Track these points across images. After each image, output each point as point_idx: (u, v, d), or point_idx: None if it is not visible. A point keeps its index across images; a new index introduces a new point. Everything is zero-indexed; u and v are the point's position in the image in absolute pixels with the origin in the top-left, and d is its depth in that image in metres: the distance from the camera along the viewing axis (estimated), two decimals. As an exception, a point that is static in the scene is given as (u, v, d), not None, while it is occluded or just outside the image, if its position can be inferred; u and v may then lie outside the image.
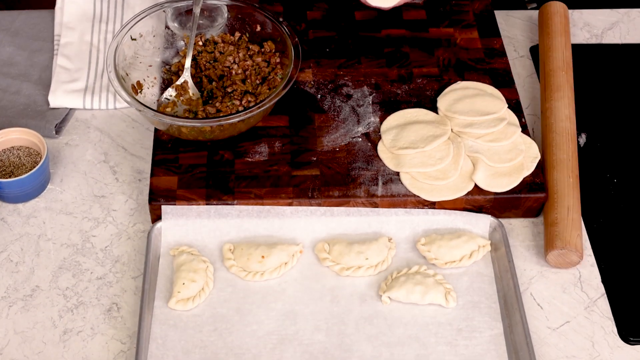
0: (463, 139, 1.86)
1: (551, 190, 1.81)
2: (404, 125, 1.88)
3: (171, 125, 1.77)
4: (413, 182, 1.80)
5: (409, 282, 1.67)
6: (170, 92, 1.90)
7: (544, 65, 2.05)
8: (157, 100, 1.90)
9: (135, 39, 1.92)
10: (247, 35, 1.99)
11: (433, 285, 1.68)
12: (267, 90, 1.87)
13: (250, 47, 1.96)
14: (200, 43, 1.97)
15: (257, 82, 1.91)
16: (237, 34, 1.99)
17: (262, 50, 1.96)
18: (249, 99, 1.86)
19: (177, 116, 1.81)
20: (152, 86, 1.93)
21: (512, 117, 1.90)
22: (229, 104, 1.85)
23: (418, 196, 1.78)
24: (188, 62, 1.90)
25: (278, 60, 1.93)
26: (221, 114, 1.83)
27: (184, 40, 1.99)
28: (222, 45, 1.96)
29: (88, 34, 2.12)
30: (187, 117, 1.84)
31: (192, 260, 1.70)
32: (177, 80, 1.92)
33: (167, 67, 1.97)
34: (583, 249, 1.74)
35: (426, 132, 1.86)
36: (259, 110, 1.76)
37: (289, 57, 1.88)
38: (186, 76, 1.90)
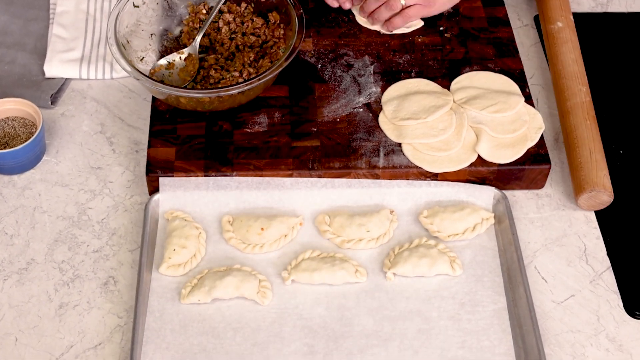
0: (466, 110, 1.83)
1: (571, 136, 1.81)
2: (405, 96, 1.86)
3: (170, 95, 1.74)
4: (415, 153, 1.77)
5: (413, 256, 1.65)
6: (175, 57, 1.88)
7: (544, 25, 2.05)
8: (154, 65, 1.88)
9: (137, 6, 1.89)
10: (252, 5, 1.96)
11: (438, 256, 1.66)
12: (269, 64, 1.84)
13: (255, 19, 1.93)
14: (204, 11, 1.94)
15: (260, 54, 1.88)
16: (243, 4, 1.96)
17: (267, 22, 1.93)
18: (250, 70, 1.84)
19: (176, 87, 1.78)
20: (153, 55, 1.90)
21: (515, 88, 1.87)
22: (228, 76, 1.82)
23: (420, 168, 1.76)
24: (199, 37, 1.89)
25: (282, 32, 1.90)
26: (220, 86, 1.81)
27: (187, 9, 1.96)
28: (227, 15, 1.93)
29: (84, 2, 2.09)
30: (186, 88, 1.82)
31: (184, 227, 1.69)
32: (180, 48, 1.91)
33: (176, 36, 1.94)
34: (611, 188, 1.74)
35: (428, 103, 1.83)
36: (259, 82, 1.73)
37: (292, 29, 1.85)
38: (193, 49, 1.88)
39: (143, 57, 1.88)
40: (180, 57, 1.88)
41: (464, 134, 1.80)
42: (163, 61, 1.88)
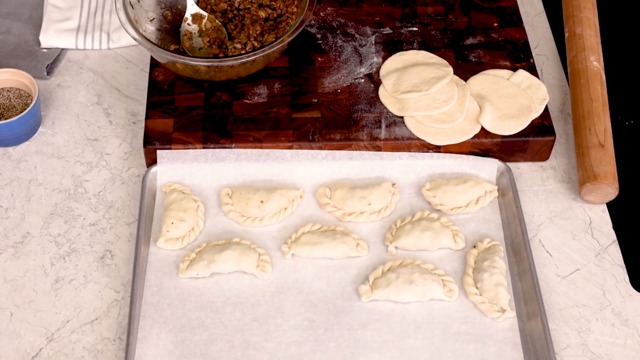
0: (468, 82, 1.81)
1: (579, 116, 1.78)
2: (404, 69, 1.83)
3: (169, 60, 1.72)
4: (418, 126, 1.74)
5: (415, 229, 1.63)
6: (189, 22, 1.86)
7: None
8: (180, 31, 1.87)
9: None
10: None
11: (440, 229, 1.63)
12: (274, 39, 1.81)
13: None
14: None
15: (272, 28, 1.85)
16: None
17: None
18: (254, 44, 1.81)
19: (173, 51, 1.76)
20: (151, 20, 1.87)
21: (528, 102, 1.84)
22: (230, 47, 1.80)
23: (423, 140, 1.73)
24: None
25: (295, 9, 1.86)
26: (221, 55, 1.78)
27: None
28: None
29: (81, -30, 2.06)
30: (183, 54, 1.80)
31: (183, 199, 1.67)
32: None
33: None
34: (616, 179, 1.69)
35: (428, 74, 1.80)
36: (254, 57, 1.70)
37: (301, 7, 1.81)
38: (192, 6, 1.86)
39: (153, 18, 1.84)
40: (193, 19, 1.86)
41: (466, 105, 1.77)
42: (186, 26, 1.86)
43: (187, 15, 1.85)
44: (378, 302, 1.57)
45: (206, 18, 1.85)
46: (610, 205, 1.72)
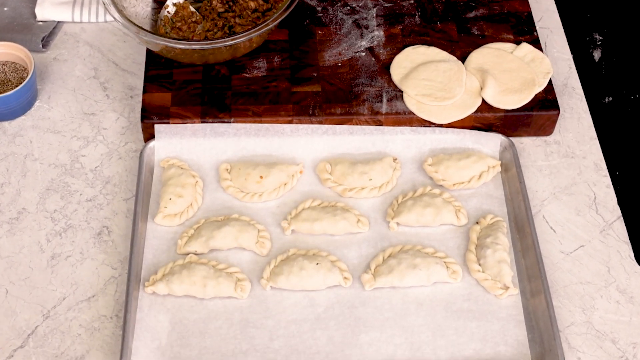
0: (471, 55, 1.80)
1: None
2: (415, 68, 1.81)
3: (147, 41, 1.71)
4: (420, 106, 1.72)
5: (417, 205, 1.61)
6: (170, 9, 1.83)
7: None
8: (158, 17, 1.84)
9: None
10: None
11: (442, 205, 1.62)
12: (240, 29, 1.78)
13: None
14: None
15: (256, 20, 1.83)
16: None
17: None
18: (221, 33, 1.79)
19: (152, 32, 1.73)
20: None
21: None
22: (212, 30, 1.78)
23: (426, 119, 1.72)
24: None
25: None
26: (196, 38, 1.78)
27: None
28: None
29: (77, -58, 2.04)
30: (163, 35, 1.77)
31: (181, 175, 1.65)
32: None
33: None
34: None
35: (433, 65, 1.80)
36: (224, 43, 1.68)
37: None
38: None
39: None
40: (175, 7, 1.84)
41: (464, 78, 1.76)
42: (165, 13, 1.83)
43: (169, 2, 1.83)
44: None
45: (186, 8, 1.83)
46: (615, 181, 1.70)
